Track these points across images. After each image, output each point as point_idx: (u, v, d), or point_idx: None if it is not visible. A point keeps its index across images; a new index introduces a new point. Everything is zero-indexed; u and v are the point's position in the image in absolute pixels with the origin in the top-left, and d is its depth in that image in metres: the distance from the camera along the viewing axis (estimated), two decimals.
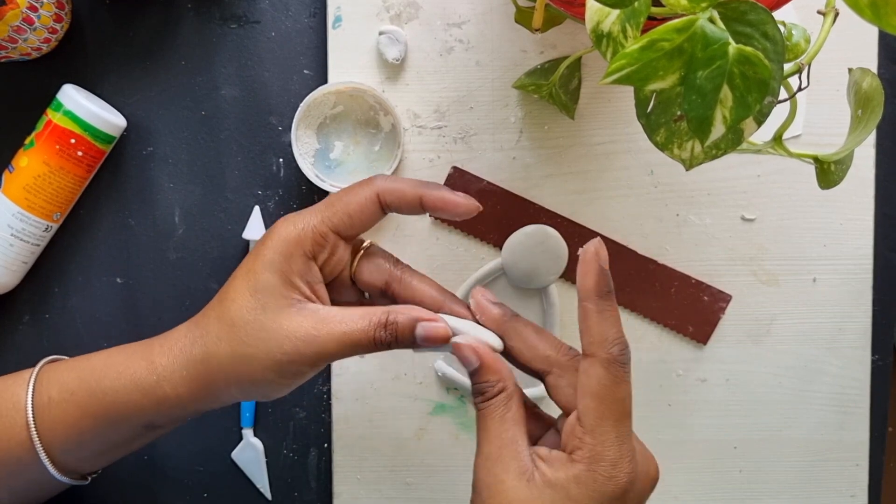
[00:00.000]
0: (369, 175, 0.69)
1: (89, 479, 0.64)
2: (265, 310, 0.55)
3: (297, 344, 0.54)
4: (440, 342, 0.56)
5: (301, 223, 0.57)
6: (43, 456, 0.59)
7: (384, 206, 0.58)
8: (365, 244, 0.62)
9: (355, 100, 0.72)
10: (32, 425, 0.58)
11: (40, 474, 0.60)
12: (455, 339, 0.56)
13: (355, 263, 0.60)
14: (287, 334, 0.55)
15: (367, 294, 0.62)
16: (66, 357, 0.64)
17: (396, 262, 0.61)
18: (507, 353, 0.58)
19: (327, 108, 0.72)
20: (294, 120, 0.70)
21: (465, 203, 0.58)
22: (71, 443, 0.59)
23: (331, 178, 0.72)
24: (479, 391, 0.55)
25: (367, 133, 0.73)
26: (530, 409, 0.58)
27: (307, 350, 0.55)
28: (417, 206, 0.58)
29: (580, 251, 0.55)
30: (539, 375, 0.57)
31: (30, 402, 0.59)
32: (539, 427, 0.58)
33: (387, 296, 0.61)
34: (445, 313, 0.58)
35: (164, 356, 0.57)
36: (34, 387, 0.60)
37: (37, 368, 0.61)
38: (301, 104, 0.70)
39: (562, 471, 0.52)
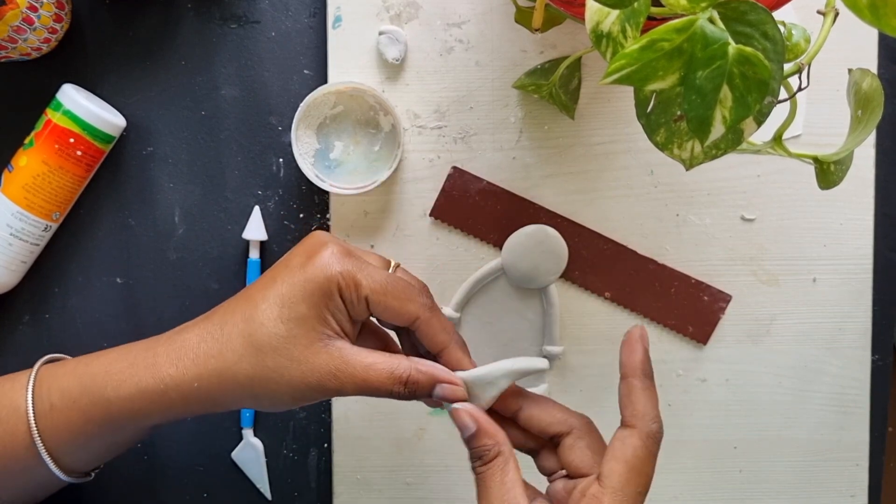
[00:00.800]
0: (369, 175, 0.70)
1: (93, 474, 0.64)
2: (295, 341, 0.55)
3: (320, 379, 0.55)
4: (453, 402, 0.57)
5: (346, 269, 0.56)
6: (47, 459, 0.58)
7: (412, 328, 0.59)
8: (394, 265, 0.62)
9: (355, 100, 0.72)
10: (35, 430, 0.58)
11: (43, 475, 0.59)
12: (453, 406, 0.57)
13: None
14: (313, 368, 0.55)
15: None
16: (64, 356, 0.64)
17: (432, 301, 0.60)
18: (518, 420, 0.59)
19: (327, 108, 0.72)
20: (294, 120, 0.70)
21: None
22: (75, 446, 0.59)
23: (331, 178, 0.72)
24: (477, 455, 0.56)
25: (366, 133, 0.73)
26: None
27: (328, 385, 0.55)
28: (433, 351, 0.59)
29: (625, 335, 0.58)
30: (546, 443, 0.59)
31: (30, 406, 0.58)
32: (530, 492, 0.58)
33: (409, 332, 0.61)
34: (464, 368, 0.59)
35: (172, 366, 0.56)
36: (34, 390, 0.59)
37: (35, 370, 0.60)
38: (301, 104, 0.70)
39: None
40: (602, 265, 0.74)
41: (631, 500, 0.53)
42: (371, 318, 0.61)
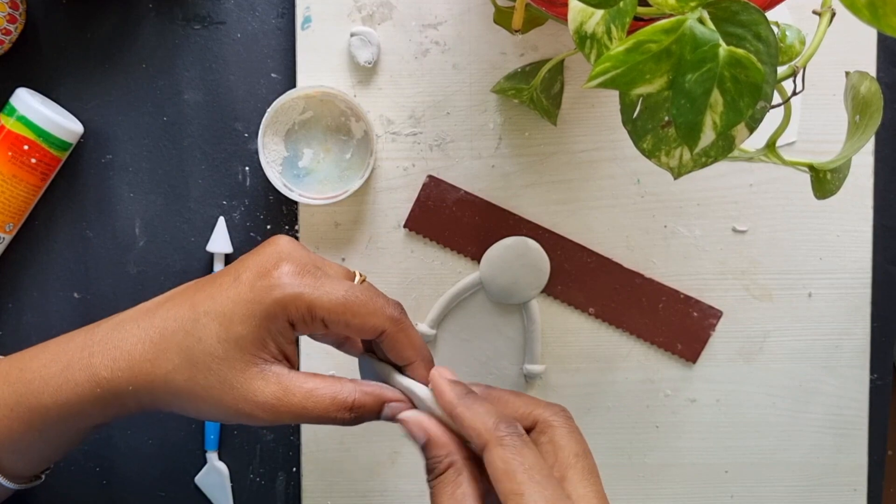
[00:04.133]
0: (340, 184, 0.71)
1: (43, 476, 0.64)
2: (231, 364, 0.54)
3: (253, 408, 0.54)
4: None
5: (301, 291, 0.54)
6: None
7: (378, 340, 0.57)
8: (359, 279, 0.61)
9: (325, 105, 0.71)
10: None
11: None
12: (402, 416, 0.55)
13: None
14: (246, 396, 0.54)
15: None
16: None
17: (399, 315, 0.58)
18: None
19: (296, 113, 0.71)
20: (261, 126, 0.69)
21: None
22: (16, 452, 0.58)
23: (299, 187, 0.71)
24: (429, 468, 0.54)
25: (337, 140, 0.72)
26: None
27: (263, 415, 0.54)
28: (400, 364, 0.58)
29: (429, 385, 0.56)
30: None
31: None
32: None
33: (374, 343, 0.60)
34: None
35: (105, 368, 0.56)
36: None
37: None
38: (268, 109, 0.69)
39: None
40: (586, 279, 0.73)
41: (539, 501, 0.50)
42: None
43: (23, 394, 0.57)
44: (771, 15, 0.46)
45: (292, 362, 0.56)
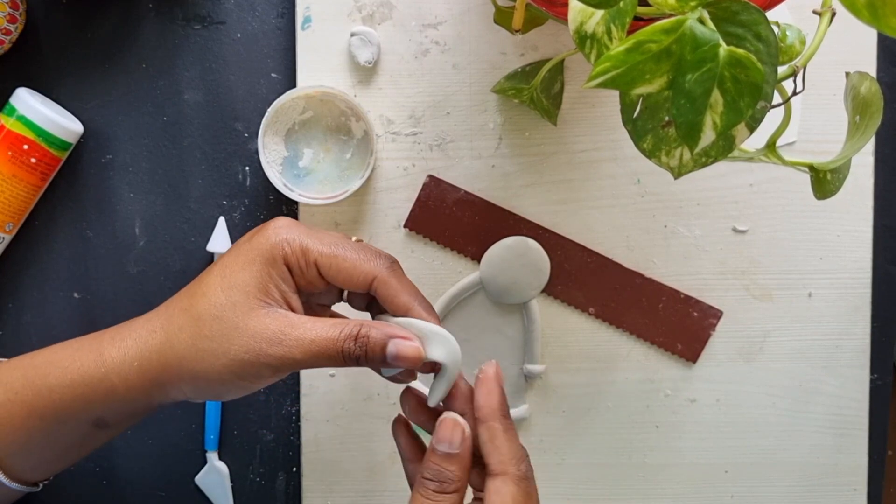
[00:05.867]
0: (340, 184, 0.71)
1: (41, 485, 0.63)
2: (234, 308, 0.54)
3: (261, 345, 0.53)
4: (412, 363, 0.55)
5: (293, 237, 0.56)
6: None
7: (370, 290, 0.57)
8: (355, 239, 0.60)
9: (325, 105, 0.71)
10: None
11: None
12: (445, 415, 0.55)
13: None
14: (253, 334, 0.54)
15: (344, 294, 0.61)
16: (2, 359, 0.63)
17: (392, 262, 0.59)
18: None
19: (296, 113, 0.71)
20: (261, 126, 0.69)
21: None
22: (18, 445, 0.58)
23: (300, 187, 0.71)
24: (437, 478, 0.54)
25: (337, 140, 0.72)
26: None
27: (272, 352, 0.53)
28: (397, 313, 0.58)
29: (479, 372, 0.56)
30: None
31: None
32: None
33: (369, 300, 0.60)
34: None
35: (114, 348, 0.56)
36: None
37: None
38: (268, 109, 0.69)
39: None
40: (586, 279, 0.73)
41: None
42: (333, 308, 0.62)
43: (29, 377, 0.57)
44: (771, 15, 0.46)
45: (297, 311, 0.56)
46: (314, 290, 0.57)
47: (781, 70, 0.48)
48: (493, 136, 0.72)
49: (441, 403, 0.57)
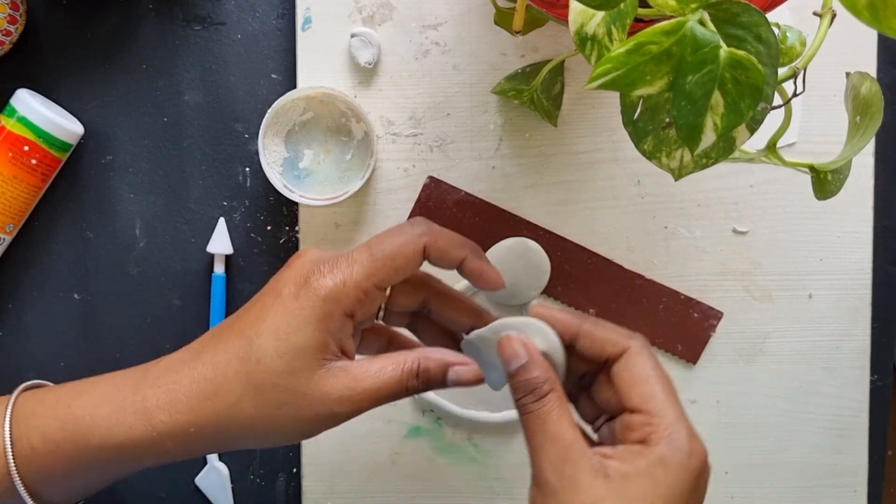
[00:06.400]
0: (340, 185, 0.71)
1: None
2: (296, 374, 0.54)
3: (331, 407, 0.54)
4: (472, 384, 0.57)
5: (342, 278, 0.54)
6: (27, 499, 0.57)
7: (427, 258, 0.58)
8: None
9: (326, 106, 0.71)
10: (15, 472, 0.56)
11: None
12: (504, 333, 0.55)
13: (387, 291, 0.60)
14: (320, 398, 0.54)
15: (380, 315, 0.61)
16: (45, 383, 0.62)
17: (428, 275, 0.60)
18: (577, 341, 0.57)
19: (296, 114, 0.71)
20: (261, 127, 0.69)
21: (497, 280, 0.59)
22: (57, 486, 0.58)
23: (300, 188, 0.71)
24: (528, 388, 0.53)
25: (338, 141, 0.72)
26: None
27: (342, 410, 0.55)
28: (454, 266, 0.58)
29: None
30: (596, 370, 0.57)
31: (9, 446, 0.56)
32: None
33: (419, 315, 0.61)
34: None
35: (163, 412, 0.55)
36: (11, 429, 0.57)
37: (12, 400, 0.58)
38: (268, 110, 0.69)
39: (640, 459, 0.51)
40: (586, 280, 0.73)
41: (677, 410, 0.52)
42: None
43: (70, 431, 0.56)
44: (771, 16, 0.46)
45: (351, 355, 0.56)
46: (370, 316, 0.58)
47: (782, 71, 0.47)
48: (494, 137, 0.72)
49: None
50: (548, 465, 0.52)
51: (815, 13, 0.49)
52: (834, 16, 0.48)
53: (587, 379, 0.57)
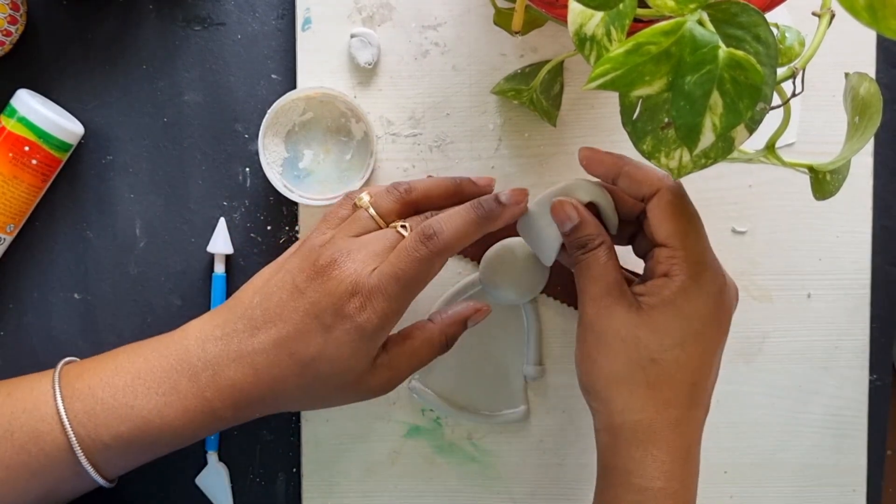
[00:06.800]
0: (340, 185, 0.71)
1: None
2: (346, 387, 0.61)
3: (375, 393, 0.62)
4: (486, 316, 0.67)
5: (384, 308, 0.59)
6: (100, 481, 0.61)
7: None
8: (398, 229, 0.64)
9: (326, 106, 0.71)
10: (87, 465, 0.60)
11: (76, 483, 0.62)
12: (556, 199, 0.61)
13: None
14: (366, 389, 0.62)
15: None
16: (76, 359, 0.65)
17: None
18: (619, 180, 0.62)
19: (296, 114, 0.71)
20: (261, 127, 0.68)
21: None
22: (123, 468, 0.63)
23: (300, 188, 0.71)
24: (581, 244, 0.60)
25: (337, 141, 0.71)
26: None
27: (384, 392, 0.63)
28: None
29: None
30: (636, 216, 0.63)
31: (74, 443, 0.59)
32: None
33: None
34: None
35: (228, 409, 0.60)
36: (72, 426, 0.60)
37: (57, 386, 0.61)
38: (268, 111, 0.68)
39: (665, 290, 0.57)
40: None
41: (700, 241, 0.59)
42: None
43: (142, 430, 0.60)
44: (770, 16, 0.46)
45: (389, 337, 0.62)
46: None
47: (781, 71, 0.48)
48: (493, 137, 0.72)
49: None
50: (589, 300, 0.60)
51: (813, 13, 0.49)
52: (833, 16, 0.48)
53: (644, 216, 0.61)
